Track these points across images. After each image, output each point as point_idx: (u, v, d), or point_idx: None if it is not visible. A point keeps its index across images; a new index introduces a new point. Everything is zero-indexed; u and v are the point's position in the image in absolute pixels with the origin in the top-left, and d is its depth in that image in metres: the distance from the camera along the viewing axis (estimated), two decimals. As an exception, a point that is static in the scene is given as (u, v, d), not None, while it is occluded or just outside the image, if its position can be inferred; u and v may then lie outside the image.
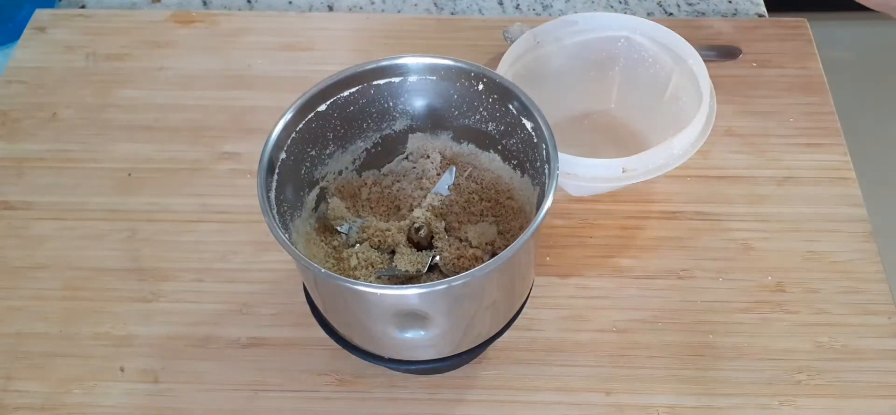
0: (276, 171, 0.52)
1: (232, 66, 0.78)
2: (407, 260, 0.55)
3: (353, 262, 0.55)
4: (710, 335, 0.60)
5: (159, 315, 0.61)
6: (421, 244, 0.56)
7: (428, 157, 0.60)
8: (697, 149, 0.62)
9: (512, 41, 0.69)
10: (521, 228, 0.53)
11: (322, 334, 0.54)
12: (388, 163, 0.61)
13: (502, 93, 0.55)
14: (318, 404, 0.57)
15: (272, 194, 0.51)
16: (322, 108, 0.55)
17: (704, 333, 0.60)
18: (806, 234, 0.66)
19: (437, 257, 0.55)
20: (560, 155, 0.51)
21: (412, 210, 0.59)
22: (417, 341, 0.51)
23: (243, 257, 0.64)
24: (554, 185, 0.49)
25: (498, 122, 0.56)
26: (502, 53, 0.66)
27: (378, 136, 0.59)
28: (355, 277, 0.54)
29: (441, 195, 0.59)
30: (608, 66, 0.71)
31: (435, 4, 0.86)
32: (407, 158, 0.61)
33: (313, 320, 0.54)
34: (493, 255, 0.55)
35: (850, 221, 0.66)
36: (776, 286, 0.63)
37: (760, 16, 0.84)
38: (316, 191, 0.57)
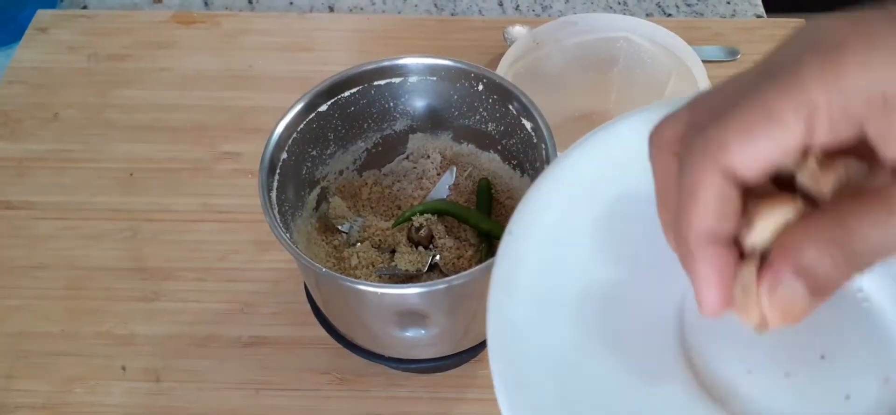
0: (278, 170, 0.52)
1: (233, 66, 0.78)
2: (407, 259, 0.55)
3: (354, 261, 0.55)
4: (708, 335, 0.60)
5: (161, 314, 0.61)
6: (421, 244, 0.56)
7: (428, 157, 0.61)
8: (696, 149, 0.62)
9: (512, 42, 0.69)
10: (521, 228, 0.54)
11: (323, 332, 0.54)
12: (389, 163, 0.61)
13: (502, 93, 0.55)
14: (318, 403, 0.57)
15: (273, 194, 0.51)
16: (323, 108, 0.55)
17: (703, 332, 0.60)
18: (804, 234, 0.66)
19: (437, 257, 0.56)
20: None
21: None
22: (418, 340, 0.51)
23: (244, 257, 0.64)
24: (553, 185, 0.49)
25: (498, 122, 0.57)
26: (502, 54, 0.66)
27: (378, 136, 0.59)
28: (356, 277, 0.54)
29: (442, 199, 0.59)
30: (607, 66, 0.71)
31: (435, 5, 0.86)
32: (407, 158, 0.61)
33: (314, 319, 0.54)
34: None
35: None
36: (775, 286, 0.63)
37: (759, 16, 0.84)
38: (317, 191, 0.58)
